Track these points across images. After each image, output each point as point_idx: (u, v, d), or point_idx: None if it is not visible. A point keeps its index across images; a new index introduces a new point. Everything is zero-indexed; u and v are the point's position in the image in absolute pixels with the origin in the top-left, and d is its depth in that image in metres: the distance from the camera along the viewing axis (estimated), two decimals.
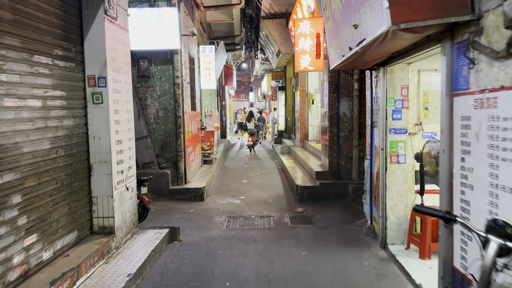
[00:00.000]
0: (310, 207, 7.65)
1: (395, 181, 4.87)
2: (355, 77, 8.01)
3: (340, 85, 8.23)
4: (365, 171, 5.93)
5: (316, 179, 8.38)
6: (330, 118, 8.31)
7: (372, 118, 5.43)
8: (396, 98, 4.81)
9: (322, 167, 8.92)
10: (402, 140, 4.84)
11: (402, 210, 4.89)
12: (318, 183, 8.12)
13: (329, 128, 8.32)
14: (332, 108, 8.29)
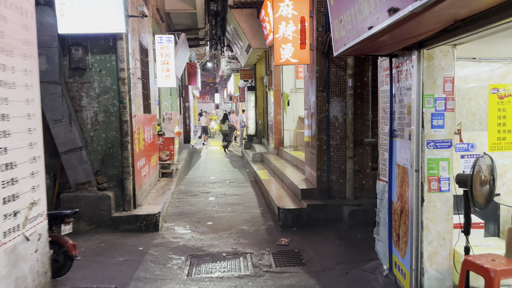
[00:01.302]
0: (297, 236, 6.10)
1: (435, 218, 3.39)
2: (349, 72, 6.55)
3: (331, 82, 6.75)
4: (378, 196, 4.43)
5: (302, 199, 6.84)
6: (318, 122, 6.80)
7: (392, 125, 3.94)
8: (437, 96, 3.33)
9: (307, 182, 7.39)
10: (446, 158, 3.37)
11: (445, 260, 3.42)
12: (305, 204, 6.58)
13: (317, 135, 6.82)
14: (321, 111, 6.79)
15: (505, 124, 4.23)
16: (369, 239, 5.87)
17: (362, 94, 6.74)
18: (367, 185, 6.88)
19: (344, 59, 6.66)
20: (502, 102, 4.21)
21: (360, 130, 6.77)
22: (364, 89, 6.75)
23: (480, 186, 3.37)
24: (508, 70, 4.14)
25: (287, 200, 7.13)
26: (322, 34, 6.78)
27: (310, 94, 7.20)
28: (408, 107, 3.56)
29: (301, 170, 8.67)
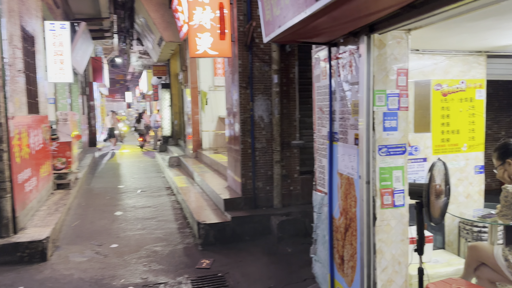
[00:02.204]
0: (220, 256, 5.34)
1: (389, 239, 2.85)
2: (274, 67, 5.96)
3: (255, 78, 6.09)
4: (315, 209, 3.84)
5: (225, 211, 6.09)
6: (242, 123, 6.10)
7: (332, 127, 3.35)
8: (390, 91, 2.80)
9: (231, 190, 6.65)
10: (399, 166, 2.85)
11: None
12: (229, 217, 5.84)
13: (241, 137, 6.11)
14: (245, 110, 6.10)
15: (449, 124, 3.91)
16: (300, 253, 5.33)
17: (289, 92, 6.19)
18: (295, 191, 6.35)
19: (269, 52, 6.05)
20: (445, 100, 3.88)
21: (287, 131, 6.22)
22: (290, 87, 6.20)
23: (435, 197, 2.92)
24: (452, 64, 3.81)
25: (208, 212, 6.32)
26: (244, 23, 6.09)
27: (232, 92, 6.48)
28: (353, 106, 2.98)
29: (223, 176, 7.92)
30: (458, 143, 3.98)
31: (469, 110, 3.98)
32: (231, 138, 6.78)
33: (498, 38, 3.15)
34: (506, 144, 2.82)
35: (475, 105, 3.99)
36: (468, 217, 3.54)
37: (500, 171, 2.82)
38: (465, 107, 3.96)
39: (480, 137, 4.04)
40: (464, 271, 2.98)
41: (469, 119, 3.99)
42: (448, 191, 3.00)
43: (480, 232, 3.63)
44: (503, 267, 2.61)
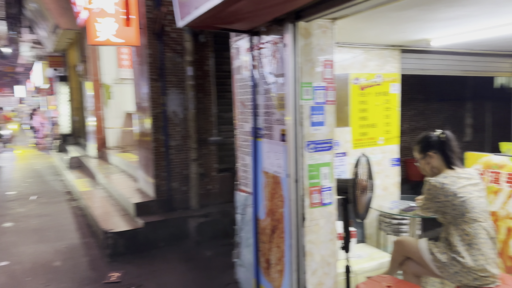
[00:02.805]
0: (132, 266, 4.89)
1: (318, 240, 2.75)
2: (188, 58, 5.63)
3: (167, 70, 5.69)
4: (238, 211, 3.64)
5: (136, 216, 5.61)
6: (154, 119, 5.67)
7: (256, 122, 3.17)
8: (316, 84, 2.68)
9: (142, 193, 6.17)
10: (327, 163, 2.76)
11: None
12: (141, 222, 5.39)
13: (153, 134, 5.68)
14: (156, 105, 5.67)
15: (366, 118, 3.96)
16: (221, 256, 5.11)
17: (204, 86, 5.90)
18: (213, 190, 6.10)
19: (182, 42, 5.69)
20: (363, 94, 3.92)
21: (204, 127, 5.93)
22: (206, 80, 5.91)
23: (360, 192, 2.89)
24: (369, 58, 3.86)
25: (116, 219, 5.78)
26: (152, 9, 5.63)
27: (141, 85, 5.98)
28: (279, 99, 2.81)
29: (133, 177, 7.35)
30: (375, 137, 4.07)
31: (385, 104, 4.08)
32: (141, 136, 6.28)
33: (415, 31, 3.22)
34: (427, 137, 2.88)
35: (390, 99, 4.11)
36: (386, 209, 3.61)
37: (422, 164, 2.87)
38: (381, 101, 4.06)
39: (395, 131, 4.18)
40: (389, 266, 3.00)
41: (385, 113, 4.10)
42: (372, 186, 2.99)
43: (399, 225, 3.74)
44: (429, 260, 2.66)
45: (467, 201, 2.56)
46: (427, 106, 8.40)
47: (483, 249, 2.52)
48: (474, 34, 3.42)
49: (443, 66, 4.80)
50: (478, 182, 2.71)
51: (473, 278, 2.51)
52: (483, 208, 2.62)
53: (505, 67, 5.39)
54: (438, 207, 2.65)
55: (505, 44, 4.32)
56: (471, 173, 2.74)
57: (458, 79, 8.68)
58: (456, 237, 2.58)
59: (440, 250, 2.64)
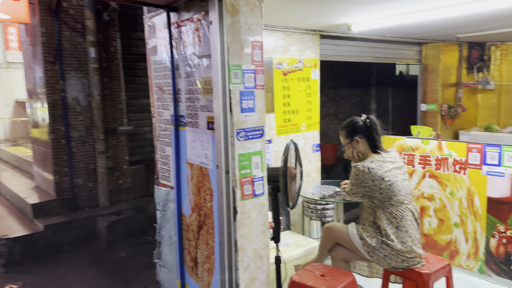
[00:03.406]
0: (33, 276, 4.33)
1: (250, 233, 2.61)
2: (90, 39, 5.08)
3: (65, 52, 5.07)
4: (159, 207, 3.35)
5: (35, 218, 4.97)
6: (51, 107, 5.03)
7: (177, 109, 2.91)
8: (246, 67, 2.50)
9: (40, 192, 5.49)
10: (258, 151, 2.62)
11: (263, 286, 2.70)
12: (41, 225, 4.78)
13: (51, 124, 5.05)
14: (53, 91, 5.03)
15: (289, 104, 3.90)
16: (137, 256, 4.76)
17: (111, 69, 5.39)
18: (125, 185, 5.66)
19: (82, 20, 5.10)
20: (286, 79, 3.85)
21: (112, 116, 5.43)
22: (112, 63, 5.40)
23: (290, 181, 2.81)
24: (291, 42, 3.79)
25: (10, 222, 5.06)
26: None
27: (35, 68, 5.26)
28: (204, 84, 2.59)
29: (28, 174, 6.53)
30: (298, 123, 4.04)
31: (306, 90, 4.06)
32: (37, 127, 5.55)
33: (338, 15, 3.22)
34: (353, 122, 2.88)
35: (311, 84, 4.10)
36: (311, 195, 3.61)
37: (348, 150, 2.87)
38: (303, 87, 4.03)
39: (316, 116, 4.20)
40: (318, 253, 2.98)
41: (307, 99, 4.08)
42: (301, 173, 2.93)
43: (323, 210, 3.77)
44: (359, 245, 2.68)
45: (394, 185, 2.61)
46: (336, 92, 8.76)
47: (409, 230, 2.60)
48: (391, 20, 3.53)
49: (357, 52, 4.96)
50: (401, 165, 2.79)
51: (401, 260, 2.58)
52: (408, 191, 2.71)
53: (411, 54, 5.77)
54: (366, 191, 2.67)
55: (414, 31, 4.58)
56: (394, 156, 2.81)
57: (364, 67, 9.20)
58: (384, 221, 2.62)
59: (370, 235, 2.66)
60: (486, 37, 5.45)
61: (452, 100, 6.00)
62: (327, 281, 2.45)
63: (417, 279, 2.57)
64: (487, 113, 6.42)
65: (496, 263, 3.37)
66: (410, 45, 5.66)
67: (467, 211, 3.55)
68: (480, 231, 3.46)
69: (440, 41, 5.61)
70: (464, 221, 3.58)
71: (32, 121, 5.67)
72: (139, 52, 5.80)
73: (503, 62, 6.21)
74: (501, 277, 3.33)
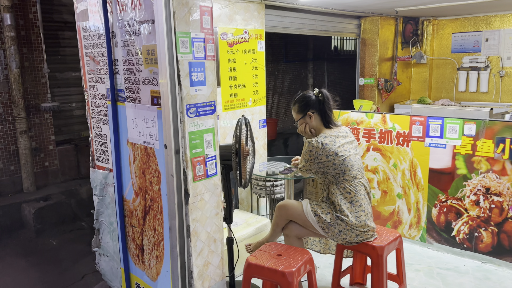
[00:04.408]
0: None
1: (203, 216, 2.44)
2: (5, 3, 4.45)
3: None
4: (96, 192, 3.07)
5: None
6: None
7: (114, 82, 2.61)
8: (194, 35, 2.27)
9: None
10: (210, 129, 2.43)
11: (217, 270, 2.58)
12: None
13: None
14: None
15: (235, 78, 3.72)
16: (70, 243, 4.42)
17: (30, 39, 4.80)
18: (52, 167, 5.17)
19: None
20: (231, 51, 3.64)
21: (34, 91, 4.88)
22: (32, 31, 4.81)
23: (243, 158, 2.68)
24: (235, 11, 3.58)
25: None
26: None
27: None
28: (146, 53, 2.32)
29: None
30: (245, 98, 3.88)
31: (253, 63, 3.90)
32: None
33: None
34: (305, 96, 2.78)
35: (257, 57, 3.94)
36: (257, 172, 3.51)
37: (301, 125, 2.78)
38: (249, 60, 3.85)
39: (262, 91, 4.06)
40: (271, 232, 2.91)
41: (253, 72, 3.92)
42: (254, 150, 2.80)
43: (273, 187, 3.70)
44: (314, 222, 2.63)
45: (347, 160, 2.58)
46: (275, 67, 8.68)
47: (363, 205, 2.59)
48: None
49: (300, 25, 4.85)
50: (353, 140, 2.76)
51: (355, 235, 2.57)
52: (360, 165, 2.69)
53: (350, 28, 5.80)
54: (320, 167, 2.61)
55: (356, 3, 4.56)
56: (346, 131, 2.77)
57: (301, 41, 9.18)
58: (339, 196, 2.59)
59: (324, 211, 2.62)
60: (422, 12, 5.61)
61: (388, 74, 6.16)
62: (284, 260, 2.38)
63: (371, 253, 2.59)
64: (419, 87, 6.72)
65: (437, 231, 3.54)
66: (349, 18, 5.68)
67: (409, 182, 3.66)
68: (422, 201, 3.60)
69: (378, 15, 5.68)
70: (407, 192, 3.69)
71: None
72: (63, 19, 5.22)
73: (434, 37, 6.48)
74: (442, 244, 3.50)
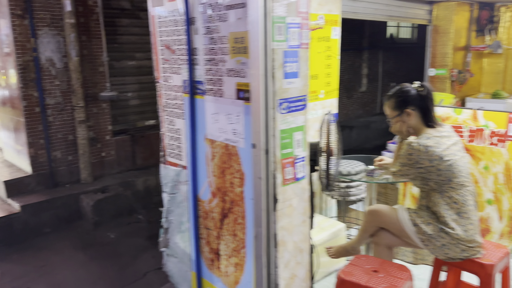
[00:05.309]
0: (11, 264, 3.85)
1: (291, 224, 2.20)
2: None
3: (36, 3, 4.32)
4: (166, 189, 2.90)
5: (8, 197, 4.38)
6: (22, 69, 4.34)
7: (193, 73, 2.39)
8: (290, 20, 2.00)
9: (11, 167, 4.87)
10: (300, 126, 2.17)
11: (303, 283, 2.33)
12: (17, 205, 4.22)
13: (22, 90, 4.37)
14: (24, 50, 4.33)
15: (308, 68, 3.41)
16: (128, 237, 4.31)
17: (89, 26, 4.69)
18: (109, 158, 5.10)
19: None
20: None
21: (92, 80, 4.79)
22: (90, 18, 4.70)
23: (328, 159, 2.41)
24: None
25: None
26: None
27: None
28: (233, 41, 2.08)
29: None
30: (316, 90, 3.59)
31: (326, 51, 3.58)
32: (3, 92, 4.83)
33: None
34: (404, 90, 2.45)
35: (331, 45, 3.62)
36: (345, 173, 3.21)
37: (396, 123, 2.46)
38: (322, 48, 3.54)
39: (335, 82, 3.75)
40: (358, 238, 2.64)
41: (326, 62, 3.61)
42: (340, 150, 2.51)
43: (347, 188, 3.41)
44: (411, 232, 2.33)
45: (454, 165, 2.24)
46: None
47: (472, 217, 2.26)
48: None
49: (372, 10, 4.49)
50: (457, 140, 2.41)
51: (461, 250, 2.26)
52: (468, 170, 2.35)
53: (421, 14, 5.35)
54: (420, 173, 2.29)
55: None
56: (448, 130, 2.42)
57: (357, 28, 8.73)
58: (443, 206, 2.27)
59: (425, 221, 2.31)
60: None
61: (460, 64, 5.68)
62: (383, 279, 2.10)
63: (479, 271, 2.26)
64: (491, 79, 6.17)
65: None
66: (421, 3, 5.24)
67: (503, 187, 3.27)
68: None
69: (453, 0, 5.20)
70: (499, 198, 3.30)
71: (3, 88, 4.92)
72: (120, 6, 5.09)
73: None
74: None
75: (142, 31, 5.30)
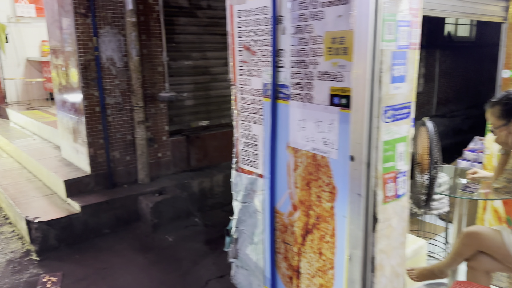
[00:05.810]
0: (72, 264, 3.80)
1: (390, 246, 1.96)
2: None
3: (97, 1, 4.26)
4: (238, 198, 2.72)
5: (68, 197, 4.36)
6: (83, 68, 4.30)
7: (276, 76, 2.19)
8: (401, 17, 1.76)
9: (70, 166, 4.86)
10: (404, 137, 1.92)
11: None
12: (78, 206, 4.18)
13: (83, 89, 4.34)
14: (86, 49, 4.28)
15: None
16: (186, 241, 4.20)
17: (149, 25, 4.61)
18: (165, 158, 5.02)
19: None
20: None
21: (151, 80, 4.71)
22: (150, 17, 4.61)
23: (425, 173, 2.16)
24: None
25: (40, 202, 4.45)
26: None
27: (62, 21, 4.48)
28: (329, 41, 1.86)
29: (51, 143, 5.89)
30: None
31: None
32: (64, 91, 4.84)
33: None
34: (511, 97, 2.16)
35: None
36: None
37: (500, 133, 2.17)
38: None
39: None
40: (450, 260, 2.37)
41: None
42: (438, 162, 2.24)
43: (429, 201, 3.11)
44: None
45: None
46: None
47: None
48: None
49: (448, 6, 4.11)
50: None
51: None
52: None
53: (496, 10, 4.91)
54: None
55: None
56: None
57: None
58: None
59: None
60: None
61: None
62: None
63: None
64: None
65: None
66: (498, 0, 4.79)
67: None
68: None
69: None
70: None
71: (59, 84, 4.94)
72: (178, 4, 4.98)
73: None
74: None
75: (198, 30, 5.18)
